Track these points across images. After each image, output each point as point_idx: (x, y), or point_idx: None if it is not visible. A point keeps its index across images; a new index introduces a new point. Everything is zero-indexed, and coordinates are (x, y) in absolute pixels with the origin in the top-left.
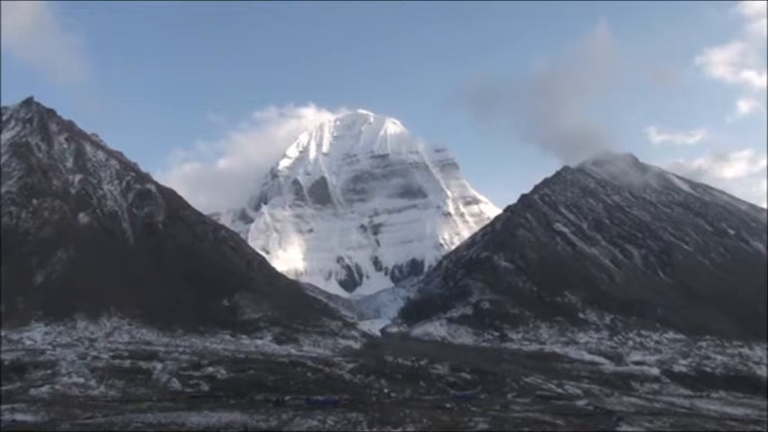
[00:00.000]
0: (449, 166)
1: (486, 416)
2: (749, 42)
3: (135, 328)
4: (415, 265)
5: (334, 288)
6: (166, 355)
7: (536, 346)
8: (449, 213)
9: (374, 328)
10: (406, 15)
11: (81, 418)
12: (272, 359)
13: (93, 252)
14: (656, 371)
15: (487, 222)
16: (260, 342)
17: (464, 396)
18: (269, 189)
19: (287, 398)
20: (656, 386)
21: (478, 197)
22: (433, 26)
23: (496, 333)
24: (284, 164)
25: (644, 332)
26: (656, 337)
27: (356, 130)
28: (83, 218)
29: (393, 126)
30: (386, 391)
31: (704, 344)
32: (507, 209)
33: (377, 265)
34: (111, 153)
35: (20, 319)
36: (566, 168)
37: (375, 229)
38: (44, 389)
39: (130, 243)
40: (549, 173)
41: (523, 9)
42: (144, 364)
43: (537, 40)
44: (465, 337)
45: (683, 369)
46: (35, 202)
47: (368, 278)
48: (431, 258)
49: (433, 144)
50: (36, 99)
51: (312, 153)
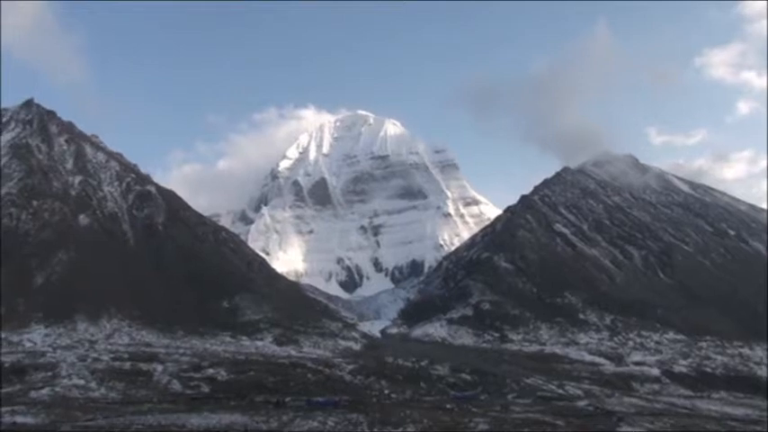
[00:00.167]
0: (449, 166)
1: (487, 417)
2: (749, 43)
3: (135, 329)
4: (416, 266)
5: (334, 289)
6: (167, 356)
7: (536, 347)
8: (449, 214)
9: (374, 329)
10: (406, 16)
11: (81, 420)
12: (272, 360)
13: (94, 254)
14: (656, 371)
15: (487, 223)
16: (260, 343)
17: (464, 397)
18: (269, 190)
19: (287, 399)
20: (656, 387)
21: (478, 198)
22: (433, 26)
23: (497, 334)
24: (284, 165)
25: (644, 333)
26: (656, 337)
27: (356, 131)
28: (83, 219)
29: (393, 127)
30: (386, 392)
31: (704, 344)
32: (507, 210)
33: (377, 266)
34: (111, 154)
35: (20, 321)
36: (566, 169)
37: (375, 230)
38: (44, 391)
39: (130, 244)
40: (549, 174)
41: (523, 9)
42: (144, 366)
43: (537, 40)
44: (465, 338)
45: (683, 369)
46: (35, 203)
47: (368, 279)
48: (431, 259)
49: (432, 145)
50: (36, 100)
51: (312, 154)
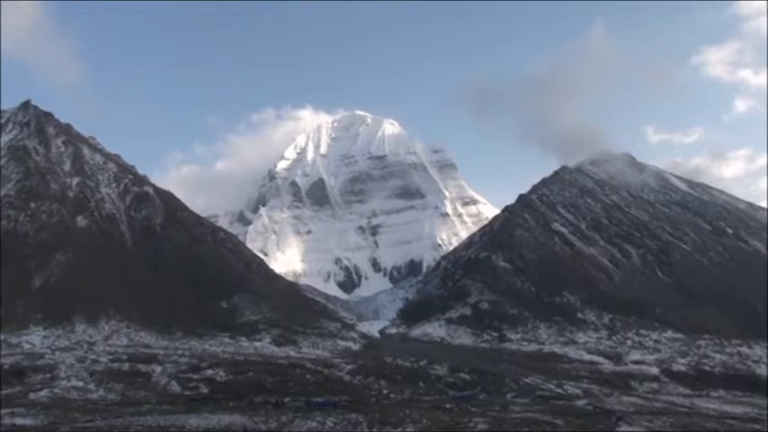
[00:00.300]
0: (447, 166)
1: (486, 416)
2: (745, 41)
3: (134, 331)
4: (414, 266)
5: (332, 289)
6: (165, 357)
7: (535, 347)
8: (447, 214)
9: (373, 329)
10: (404, 16)
11: (80, 421)
12: (271, 361)
13: (92, 255)
14: (655, 370)
15: (486, 223)
16: (259, 344)
17: (463, 396)
18: (267, 191)
19: (286, 400)
20: (655, 385)
21: (476, 198)
22: (431, 26)
23: (495, 333)
24: (282, 165)
25: (643, 331)
26: (654, 336)
27: (354, 132)
28: (81, 221)
29: (391, 127)
30: (385, 392)
31: (703, 343)
32: (505, 209)
33: (375, 266)
34: (109, 156)
35: (19, 323)
36: (564, 168)
37: (373, 231)
38: (43, 393)
39: (128, 246)
40: (547, 173)
41: (521, 10)
42: (143, 367)
43: (535, 40)
44: (464, 338)
45: (682, 368)
46: (33, 205)
47: (366, 279)
48: (429, 259)
49: (430, 145)
50: (33, 102)
51: (310, 155)
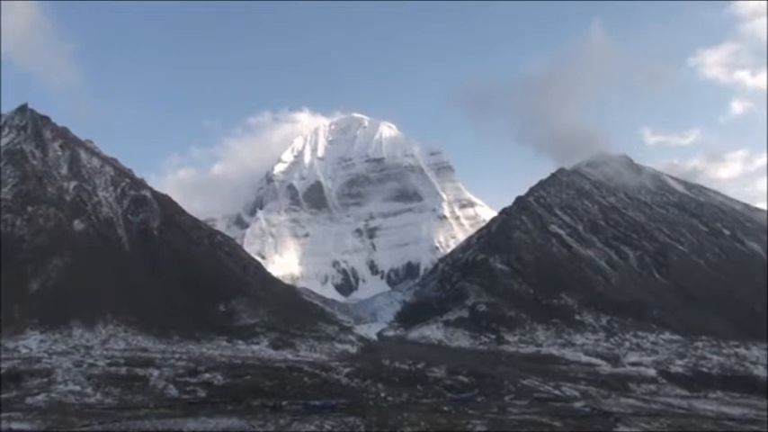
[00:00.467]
0: (444, 169)
1: (484, 418)
2: (742, 43)
3: (131, 334)
4: (411, 269)
5: (330, 292)
6: (163, 361)
7: (533, 349)
8: (444, 216)
9: (371, 331)
10: (399, 18)
11: (78, 426)
12: (268, 364)
13: (89, 259)
14: (652, 372)
15: (483, 225)
16: (256, 347)
17: (461, 399)
18: (264, 194)
19: (284, 403)
20: (652, 387)
21: (474, 200)
22: (427, 29)
23: (493, 336)
24: (279, 168)
25: (640, 333)
26: (652, 338)
27: (351, 134)
28: (78, 225)
29: (388, 130)
30: (383, 394)
31: (700, 344)
32: (502, 211)
33: (373, 268)
34: (106, 159)
35: (15, 328)
36: (561, 170)
37: (371, 233)
38: (40, 397)
39: (126, 249)
40: (544, 175)
41: (517, 11)
42: (140, 371)
43: (531, 41)
44: (462, 340)
45: (679, 370)
46: (30, 209)
47: (364, 282)
48: (426, 261)
49: (428, 147)
50: (30, 106)
51: (307, 157)
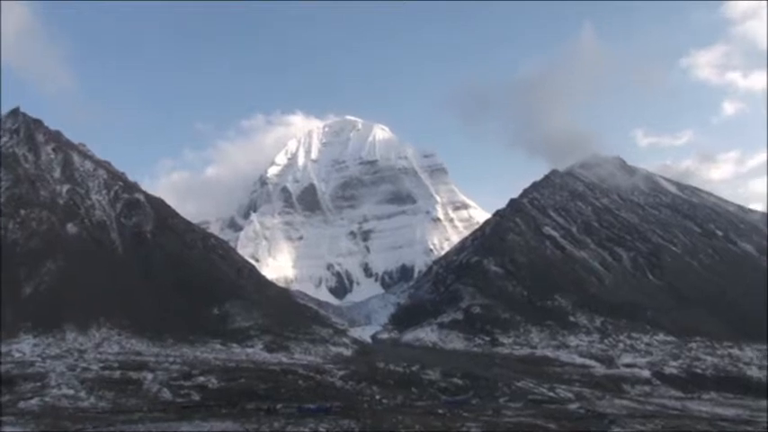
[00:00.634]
0: (437, 171)
1: (479, 421)
2: (733, 44)
3: (124, 338)
4: (405, 271)
5: (324, 295)
6: (157, 365)
7: (527, 350)
8: (438, 219)
9: (365, 334)
10: (392, 21)
11: (71, 429)
12: (263, 367)
13: (82, 262)
14: (646, 373)
15: (477, 227)
16: (251, 350)
17: (456, 401)
18: (258, 197)
19: (278, 406)
20: (647, 388)
21: (467, 202)
22: (421, 31)
23: (487, 338)
24: (273, 171)
25: (634, 334)
26: (646, 339)
27: (344, 137)
28: (71, 228)
29: (381, 132)
30: (378, 397)
31: (694, 345)
32: (496, 213)
33: (367, 271)
34: (99, 163)
35: (8, 331)
36: (554, 172)
37: (365, 236)
38: (33, 401)
39: (119, 253)
40: (538, 177)
41: (511, 13)
42: (134, 375)
43: (524, 44)
44: (456, 343)
45: (673, 371)
46: (23, 212)
47: (358, 285)
48: (421, 264)
49: (421, 150)
50: (22, 109)
51: (300, 160)
